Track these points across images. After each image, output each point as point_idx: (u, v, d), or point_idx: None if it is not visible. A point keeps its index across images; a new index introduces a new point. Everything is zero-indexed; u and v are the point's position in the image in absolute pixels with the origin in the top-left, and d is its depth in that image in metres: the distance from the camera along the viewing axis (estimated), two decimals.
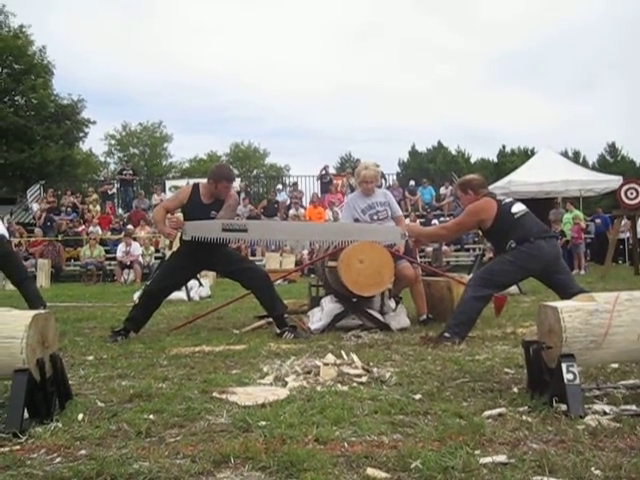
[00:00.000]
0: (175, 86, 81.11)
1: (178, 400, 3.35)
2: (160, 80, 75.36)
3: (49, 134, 32.73)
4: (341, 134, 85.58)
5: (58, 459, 2.47)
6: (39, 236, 19.61)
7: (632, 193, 13.71)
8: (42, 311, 3.32)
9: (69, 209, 22.43)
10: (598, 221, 20.43)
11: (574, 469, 2.23)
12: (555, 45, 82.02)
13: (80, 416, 3.04)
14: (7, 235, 8.11)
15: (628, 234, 17.79)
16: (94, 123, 36.11)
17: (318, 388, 3.62)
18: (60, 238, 19.94)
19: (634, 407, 3.02)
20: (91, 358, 4.78)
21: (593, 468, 2.24)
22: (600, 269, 15.05)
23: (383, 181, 20.69)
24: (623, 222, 15.51)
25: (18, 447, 2.62)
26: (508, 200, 5.52)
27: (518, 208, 5.29)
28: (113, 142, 49.12)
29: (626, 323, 3.09)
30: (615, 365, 3.91)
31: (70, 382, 3.48)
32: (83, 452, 2.53)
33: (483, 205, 5.29)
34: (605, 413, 2.94)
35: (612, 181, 19.96)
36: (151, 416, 3.03)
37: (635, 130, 73.50)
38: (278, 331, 5.77)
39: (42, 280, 15.84)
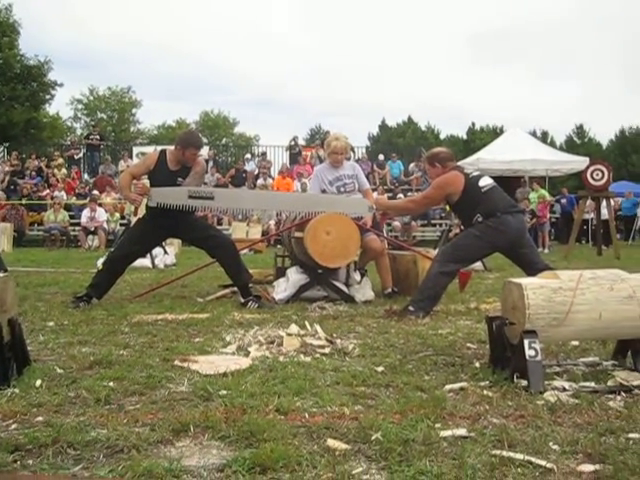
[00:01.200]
0: (146, 51, 79.84)
1: (139, 368, 3.32)
2: (130, 44, 74.22)
3: (14, 95, 32.00)
4: (311, 106, 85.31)
5: (14, 425, 2.43)
6: (2, 199, 19.22)
7: (598, 174, 13.85)
8: (0, 275, 3.26)
9: (33, 173, 22.04)
10: (564, 201, 20.63)
11: (533, 444, 2.25)
12: (528, 26, 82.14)
13: (38, 382, 3.00)
14: None
15: (592, 215, 17.98)
16: (61, 85, 35.39)
17: (281, 358, 3.61)
18: (24, 202, 19.62)
19: (592, 384, 3.07)
20: (51, 324, 4.71)
21: (551, 443, 2.27)
22: (563, 248, 15.23)
23: (352, 154, 20.63)
24: (587, 203, 15.66)
25: None
26: (476, 174, 5.52)
27: (485, 182, 5.30)
28: (80, 106, 48.34)
29: (589, 301, 3.12)
30: (575, 342, 3.96)
31: (29, 348, 3.44)
32: (40, 419, 2.48)
33: (450, 178, 5.29)
34: (564, 389, 2.97)
35: (578, 162, 20.10)
36: (111, 383, 3.00)
37: (602, 112, 74.35)
38: (242, 300, 5.75)
39: (4, 244, 15.58)
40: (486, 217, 5.08)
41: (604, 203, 14.70)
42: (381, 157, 23.99)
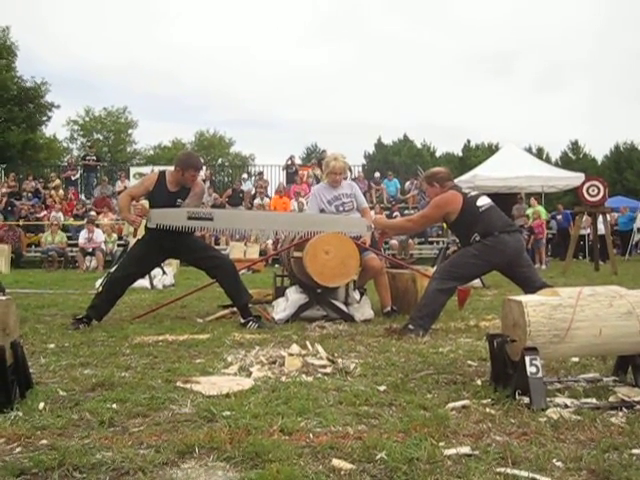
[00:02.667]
0: (141, 72, 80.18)
1: (141, 389, 3.32)
2: (125, 65, 74.50)
3: (11, 117, 32.17)
4: (307, 125, 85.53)
5: (18, 449, 2.43)
6: None
7: (594, 190, 13.91)
8: (2, 298, 3.27)
9: (30, 194, 22.05)
10: (560, 217, 20.70)
11: (536, 461, 2.26)
12: (522, 44, 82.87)
13: (41, 405, 3.00)
14: None
15: (589, 230, 18.03)
16: (58, 107, 35.61)
17: (283, 378, 3.62)
18: (21, 223, 19.62)
19: (594, 400, 3.08)
20: (52, 346, 4.71)
21: (555, 460, 2.28)
22: (561, 264, 15.27)
23: (349, 173, 20.68)
24: (584, 218, 15.72)
25: None
26: (473, 193, 5.56)
27: (483, 202, 5.33)
28: (76, 127, 48.43)
29: (588, 318, 3.14)
30: (576, 359, 3.97)
31: (31, 370, 3.44)
32: (44, 442, 2.49)
33: (449, 198, 5.32)
34: (566, 406, 2.99)
35: (574, 178, 20.20)
36: (114, 405, 3.00)
37: (597, 128, 74.83)
38: (242, 321, 5.75)
39: (2, 266, 15.55)
40: (484, 236, 5.11)
41: (600, 219, 14.76)
42: (377, 175, 24.06)
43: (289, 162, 23.99)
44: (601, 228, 14.99)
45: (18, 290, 9.61)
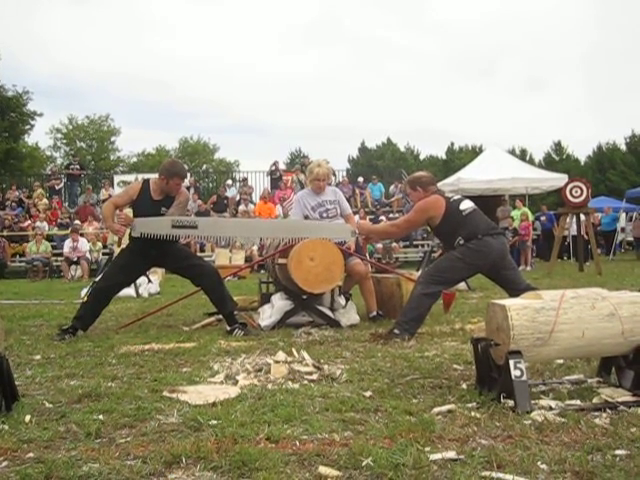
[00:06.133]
0: (123, 79, 79.89)
1: (128, 400, 3.32)
2: (107, 72, 74.20)
3: None
4: (291, 130, 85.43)
5: (4, 463, 2.42)
6: None
7: (577, 191, 14.00)
8: None
9: (14, 204, 21.92)
10: (544, 218, 20.82)
11: (521, 464, 2.28)
12: (504, 45, 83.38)
13: (27, 418, 2.99)
14: None
15: (574, 232, 18.13)
16: (41, 115, 35.44)
17: (269, 386, 3.62)
18: (5, 233, 19.51)
19: (578, 402, 3.11)
20: (38, 357, 4.69)
21: (539, 462, 2.30)
22: (546, 265, 15.35)
23: (333, 178, 20.70)
24: (567, 219, 15.82)
25: None
26: (456, 197, 5.59)
27: (466, 205, 5.37)
28: (59, 136, 48.15)
29: (571, 320, 3.17)
30: (560, 360, 4.00)
31: (16, 382, 3.42)
32: (31, 455, 2.48)
33: (432, 202, 5.35)
34: (551, 408, 3.01)
35: (557, 179, 20.29)
36: (100, 416, 3.00)
37: (580, 129, 75.37)
38: (228, 328, 5.75)
39: None
40: (467, 240, 5.14)
41: (584, 219, 14.86)
42: (360, 179, 24.12)
43: (273, 167, 23.96)
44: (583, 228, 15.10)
45: (3, 301, 9.55)
